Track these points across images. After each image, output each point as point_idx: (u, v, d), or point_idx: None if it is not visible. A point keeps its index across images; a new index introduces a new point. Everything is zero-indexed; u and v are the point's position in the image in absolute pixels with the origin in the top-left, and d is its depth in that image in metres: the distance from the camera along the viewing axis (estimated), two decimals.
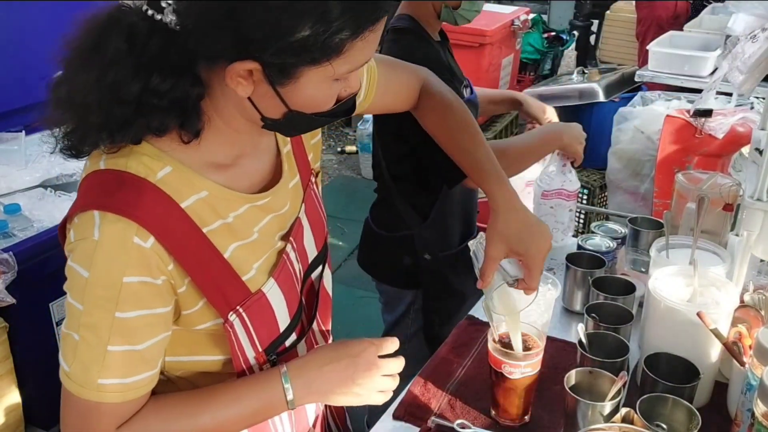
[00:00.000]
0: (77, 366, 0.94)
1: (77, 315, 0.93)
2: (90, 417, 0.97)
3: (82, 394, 0.95)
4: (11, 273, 1.69)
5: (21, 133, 2.28)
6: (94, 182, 0.96)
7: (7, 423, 1.83)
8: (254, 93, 0.93)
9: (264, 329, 1.08)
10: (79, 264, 0.92)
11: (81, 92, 0.91)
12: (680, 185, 1.67)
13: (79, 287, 0.92)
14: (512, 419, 1.31)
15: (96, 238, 0.90)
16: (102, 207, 0.91)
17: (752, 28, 1.71)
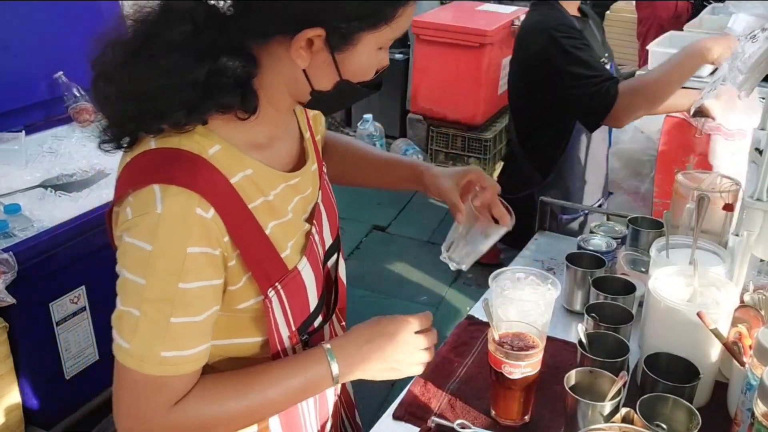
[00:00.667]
0: (138, 341, 0.94)
1: (138, 290, 0.93)
2: (148, 392, 0.97)
3: (143, 368, 0.95)
4: (11, 273, 1.69)
5: (21, 133, 2.28)
6: (147, 160, 0.98)
7: (7, 423, 1.83)
8: (310, 65, 0.98)
9: (298, 307, 1.11)
10: (141, 239, 0.93)
11: (145, 81, 0.94)
12: (680, 185, 1.67)
13: (141, 262, 0.93)
14: (512, 419, 1.31)
15: (159, 211, 0.92)
16: (163, 181, 0.93)
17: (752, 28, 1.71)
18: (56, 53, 2.45)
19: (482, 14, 4.97)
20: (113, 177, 2.20)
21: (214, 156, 0.98)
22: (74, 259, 1.88)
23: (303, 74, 1.00)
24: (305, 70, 0.99)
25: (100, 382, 2.03)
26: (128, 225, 0.95)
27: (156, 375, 0.95)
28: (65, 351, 1.90)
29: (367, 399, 2.97)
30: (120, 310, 0.96)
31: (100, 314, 1.97)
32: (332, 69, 0.99)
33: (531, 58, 2.10)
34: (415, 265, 3.96)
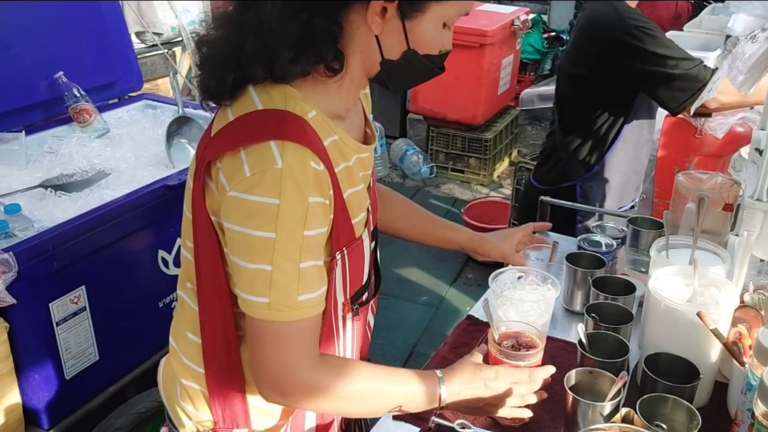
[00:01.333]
0: (276, 294, 1.01)
1: (269, 245, 1.00)
2: (291, 339, 1.05)
3: (284, 316, 1.03)
4: (11, 273, 1.69)
5: (21, 133, 2.28)
6: (255, 119, 1.05)
7: (7, 423, 1.83)
8: (383, 32, 1.07)
9: (355, 276, 1.18)
10: (267, 195, 0.99)
11: (252, 33, 1.04)
12: (680, 185, 1.67)
13: (270, 216, 0.99)
14: (512, 419, 1.31)
15: (279, 166, 0.99)
16: (279, 137, 1.01)
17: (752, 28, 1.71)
18: (56, 53, 2.44)
19: (482, 14, 4.97)
20: (113, 177, 2.22)
21: (312, 120, 1.07)
22: (74, 259, 1.88)
23: (375, 41, 1.08)
24: (377, 37, 1.08)
25: (100, 382, 2.03)
26: (249, 183, 1.00)
27: (295, 320, 1.03)
28: (65, 351, 1.90)
29: None
30: (248, 270, 1.02)
31: (100, 314, 1.97)
32: (401, 37, 1.08)
33: (602, 47, 2.08)
34: (415, 265, 3.96)
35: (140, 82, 2.85)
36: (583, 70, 2.17)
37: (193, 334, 1.20)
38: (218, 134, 1.08)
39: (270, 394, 1.09)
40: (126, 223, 2.01)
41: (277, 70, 1.06)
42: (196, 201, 1.10)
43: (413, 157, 5.06)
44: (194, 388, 1.22)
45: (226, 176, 1.03)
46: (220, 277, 1.11)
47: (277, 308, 1.02)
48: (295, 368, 1.06)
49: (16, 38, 2.33)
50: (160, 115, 2.70)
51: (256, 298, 1.03)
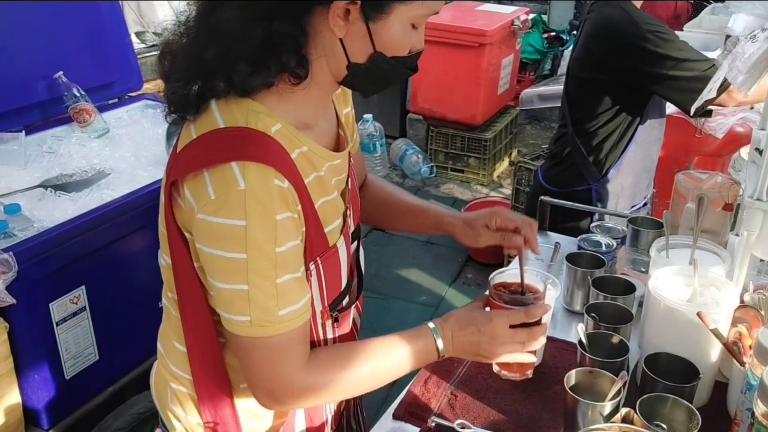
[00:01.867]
0: (256, 311, 1.02)
1: (242, 266, 1.00)
2: (279, 351, 1.06)
3: (269, 331, 1.03)
4: (11, 273, 1.69)
5: (21, 133, 2.28)
6: (216, 139, 1.03)
7: (7, 423, 1.83)
8: (347, 35, 1.04)
9: (332, 284, 1.17)
10: (233, 217, 0.99)
11: (211, 44, 1.03)
12: (680, 185, 1.67)
13: (238, 238, 0.99)
14: (514, 371, 1.31)
15: (242, 187, 0.98)
16: (239, 158, 0.99)
17: (752, 28, 1.71)
18: (56, 53, 2.44)
19: (482, 14, 4.97)
20: (113, 177, 2.22)
21: (277, 133, 1.05)
22: (74, 259, 1.88)
23: (340, 45, 1.06)
24: (342, 41, 1.05)
25: (100, 382, 2.03)
26: (214, 206, 0.99)
27: (280, 333, 1.03)
28: (65, 351, 1.90)
29: (368, 399, 2.97)
30: (225, 290, 1.02)
31: (100, 314, 1.97)
32: (366, 40, 1.05)
33: (615, 51, 2.08)
34: (414, 265, 3.96)
35: (140, 82, 2.85)
36: (595, 74, 2.16)
37: (178, 342, 1.20)
38: (182, 153, 1.06)
39: (267, 402, 1.10)
40: (126, 223, 2.01)
41: (237, 84, 1.04)
42: (167, 216, 1.09)
43: (413, 157, 5.06)
44: (183, 391, 1.22)
45: (194, 197, 1.02)
46: (197, 289, 1.11)
47: (260, 324, 1.02)
48: (287, 378, 1.07)
49: (16, 38, 2.33)
50: (160, 115, 2.68)
51: (237, 317, 1.03)
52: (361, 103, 5.49)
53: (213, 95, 1.06)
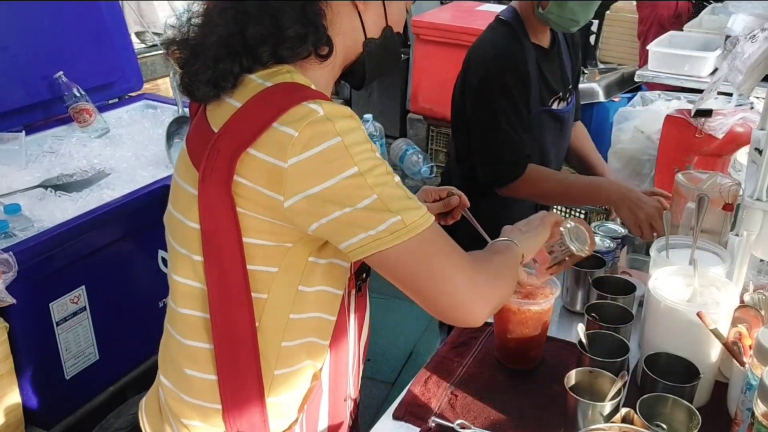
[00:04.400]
0: (400, 206, 0.99)
1: (358, 180, 0.97)
2: (441, 241, 1.04)
3: (422, 224, 1.01)
4: (11, 273, 1.69)
5: (21, 133, 2.28)
6: (274, 94, 1.02)
7: (7, 423, 1.83)
8: (365, 9, 1.12)
9: None
10: (326, 140, 0.96)
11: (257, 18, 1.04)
12: (680, 185, 1.67)
13: (342, 156, 0.96)
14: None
15: (322, 113, 0.97)
16: (306, 98, 0.99)
17: (752, 28, 1.71)
18: (56, 53, 2.45)
19: (482, 14, 4.96)
20: (113, 177, 2.22)
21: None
22: (74, 259, 1.88)
23: (359, 21, 1.12)
24: (361, 17, 1.12)
25: (100, 382, 2.03)
26: (302, 140, 0.96)
27: (432, 223, 1.02)
28: (65, 351, 1.90)
29: (368, 399, 2.97)
30: (358, 213, 0.97)
31: (100, 314, 1.97)
32: (381, 13, 1.14)
33: (471, 82, 1.91)
34: None
35: (140, 82, 2.85)
36: (463, 100, 1.98)
37: (192, 369, 1.14)
38: (230, 125, 1.02)
39: (465, 308, 1.04)
40: (126, 223, 2.01)
41: (284, 50, 1.05)
42: (206, 206, 1.04)
43: (413, 156, 5.06)
44: (197, 426, 1.16)
45: (273, 154, 0.97)
46: (240, 284, 1.05)
47: (411, 219, 0.99)
48: (471, 266, 1.05)
49: (16, 38, 2.33)
50: (160, 115, 2.71)
51: (385, 225, 0.97)
52: (361, 103, 5.48)
53: (257, 64, 1.06)
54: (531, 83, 1.86)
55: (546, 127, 1.95)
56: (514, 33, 1.88)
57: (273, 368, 1.13)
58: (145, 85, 3.02)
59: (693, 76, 3.38)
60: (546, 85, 1.92)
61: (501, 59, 1.84)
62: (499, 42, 1.89)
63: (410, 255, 1.01)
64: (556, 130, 1.98)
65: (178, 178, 1.14)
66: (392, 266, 1.03)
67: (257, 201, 1.00)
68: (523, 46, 1.87)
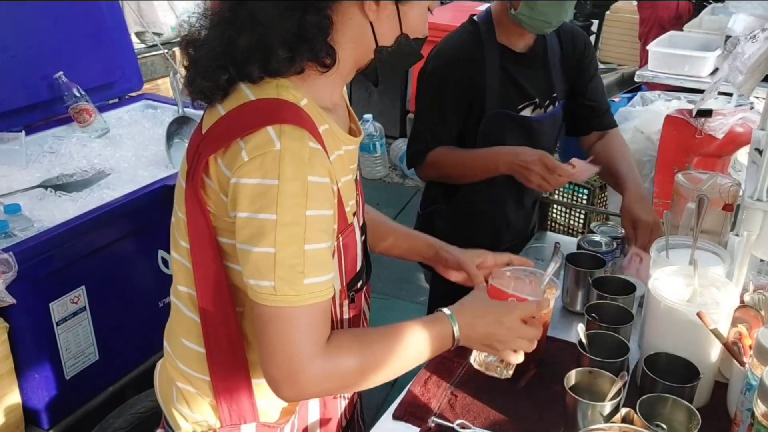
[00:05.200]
0: (280, 276, 1.00)
1: (271, 228, 0.99)
2: (299, 325, 1.02)
3: (291, 301, 1.01)
4: (11, 273, 1.69)
5: (21, 133, 2.28)
6: (249, 109, 1.05)
7: (7, 423, 1.83)
8: (377, 18, 1.10)
9: (350, 262, 1.18)
10: (266, 176, 0.99)
11: (247, 32, 1.05)
12: (680, 185, 1.67)
13: (270, 198, 0.99)
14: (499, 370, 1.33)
15: (278, 147, 0.99)
16: (275, 122, 1.01)
17: (752, 28, 1.71)
18: (57, 53, 2.44)
19: None
20: (113, 177, 2.22)
21: (305, 107, 1.08)
22: (74, 259, 1.88)
23: (370, 29, 1.11)
24: (372, 24, 1.10)
25: (99, 382, 2.03)
26: (248, 167, 0.99)
27: (303, 305, 1.01)
28: (65, 351, 1.90)
29: (368, 399, 2.97)
30: (253, 255, 1.00)
31: (100, 314, 1.97)
32: (395, 22, 1.12)
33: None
34: (414, 265, 3.95)
35: (140, 82, 2.85)
36: None
37: (186, 339, 1.20)
38: (211, 130, 1.08)
39: (281, 386, 1.05)
40: (126, 223, 2.01)
41: (273, 67, 1.06)
42: (189, 200, 1.10)
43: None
44: (189, 390, 1.22)
45: (228, 166, 1.02)
46: (219, 274, 1.11)
47: (283, 292, 1.00)
48: (307, 357, 1.02)
49: (16, 38, 2.33)
50: (160, 115, 2.71)
51: (261, 282, 1.00)
52: (361, 103, 5.48)
53: (246, 79, 1.08)
54: (486, 84, 1.85)
55: (507, 130, 1.91)
56: (476, 33, 1.89)
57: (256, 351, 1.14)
58: (145, 85, 3.02)
59: (693, 76, 3.38)
60: (516, 89, 1.89)
61: (443, 56, 1.90)
62: (456, 41, 1.92)
63: (264, 318, 1.03)
64: (523, 136, 1.92)
65: (180, 171, 1.20)
66: (252, 314, 1.06)
67: (219, 204, 1.06)
68: (483, 48, 1.87)
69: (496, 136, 1.89)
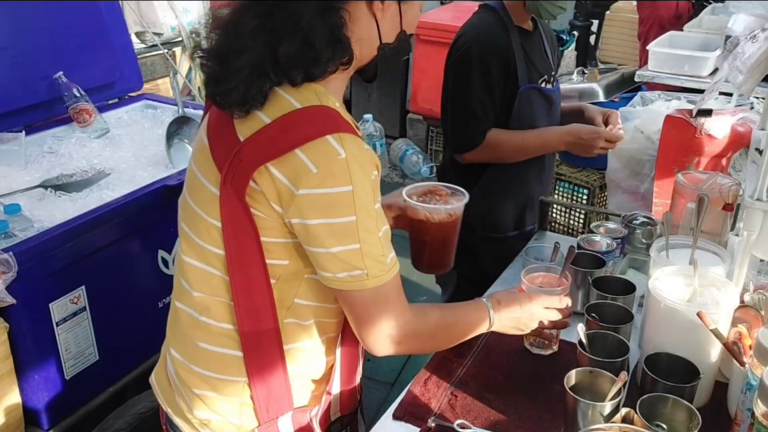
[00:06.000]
0: (370, 263, 1.12)
1: (353, 227, 1.09)
2: (393, 295, 1.17)
3: (383, 279, 1.14)
4: (11, 273, 1.69)
5: (21, 133, 2.27)
6: (300, 119, 1.10)
7: (7, 423, 1.83)
8: (382, 17, 1.16)
9: None
10: (339, 184, 1.07)
11: (288, 38, 1.08)
12: (680, 185, 1.67)
13: (347, 203, 1.08)
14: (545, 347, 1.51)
15: (344, 156, 1.06)
16: (332, 131, 1.08)
17: (752, 28, 1.71)
18: (56, 53, 2.44)
19: None
20: (113, 177, 2.22)
21: (339, 110, 1.14)
22: (74, 259, 1.88)
23: (376, 27, 1.16)
24: (378, 23, 1.16)
25: (100, 382, 2.03)
26: (318, 178, 1.06)
27: (390, 279, 1.14)
28: (65, 351, 1.90)
29: (368, 399, 2.97)
30: (339, 253, 1.10)
31: (100, 314, 1.97)
32: (397, 19, 1.19)
33: (451, 60, 2.04)
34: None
35: (140, 82, 2.85)
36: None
37: (212, 345, 1.20)
38: (257, 138, 1.09)
39: (384, 348, 1.19)
40: (126, 223, 2.01)
41: (317, 70, 1.11)
42: (227, 205, 1.12)
43: (413, 157, 5.06)
44: (210, 396, 1.22)
45: (289, 178, 1.07)
46: (262, 274, 1.16)
47: (375, 275, 1.12)
48: (402, 320, 1.17)
49: (16, 38, 2.33)
50: (160, 115, 2.70)
51: (354, 273, 1.11)
52: (361, 103, 5.48)
53: (290, 84, 1.11)
54: (516, 62, 1.99)
55: (536, 104, 2.07)
56: (497, 16, 2.01)
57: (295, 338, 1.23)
58: (145, 85, 3.02)
59: (693, 76, 3.38)
60: (533, 66, 2.04)
61: (481, 39, 1.98)
62: (482, 24, 2.01)
63: (362, 301, 1.15)
64: (546, 109, 2.10)
65: (199, 173, 1.19)
66: (344, 301, 1.17)
67: (266, 207, 1.11)
68: (507, 28, 2.00)
69: (528, 110, 2.04)
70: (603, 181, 3.54)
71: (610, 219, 2.27)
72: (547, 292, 1.42)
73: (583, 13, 6.49)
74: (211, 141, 1.17)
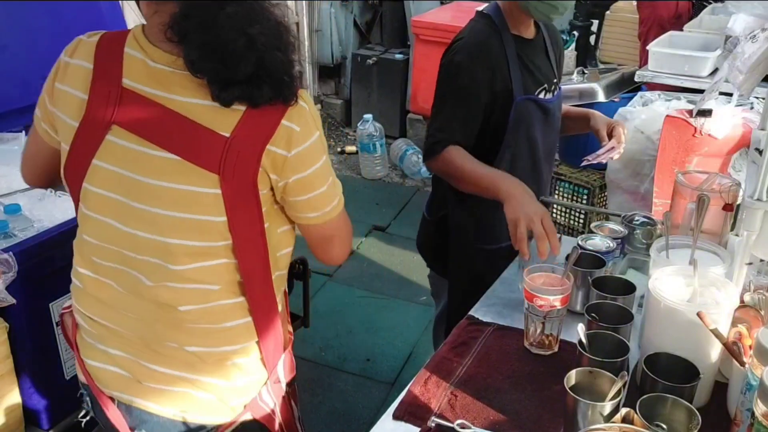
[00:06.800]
0: (339, 188, 1.32)
1: (327, 163, 1.27)
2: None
3: (343, 197, 1.34)
4: (11, 273, 1.69)
5: (21, 133, 2.28)
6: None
7: (7, 423, 1.83)
8: None
9: None
10: (313, 132, 1.22)
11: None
12: (680, 185, 1.67)
13: (321, 145, 1.25)
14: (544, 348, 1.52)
15: (307, 109, 1.21)
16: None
17: (752, 28, 1.71)
18: (57, 53, 2.44)
19: None
20: None
21: None
22: None
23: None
24: None
25: None
26: (302, 135, 1.20)
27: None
28: (65, 351, 1.90)
29: (367, 399, 2.97)
30: (325, 190, 1.27)
31: None
32: None
33: (442, 64, 1.97)
34: (414, 265, 3.96)
35: None
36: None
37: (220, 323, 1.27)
38: (242, 127, 1.15)
39: (345, 257, 1.41)
40: None
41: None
42: (232, 198, 1.17)
43: (413, 156, 5.07)
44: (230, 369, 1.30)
45: (283, 147, 1.18)
46: (265, 245, 1.25)
47: (341, 196, 1.32)
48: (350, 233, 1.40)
49: (17, 38, 2.33)
50: None
51: (334, 202, 1.30)
52: (361, 103, 5.49)
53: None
54: (510, 72, 1.90)
55: (534, 116, 1.97)
56: (491, 24, 1.93)
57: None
58: None
59: (693, 76, 3.38)
60: (530, 75, 1.96)
61: (472, 48, 1.90)
62: (475, 32, 1.94)
63: (337, 224, 1.33)
64: (543, 121, 2.00)
65: (181, 186, 1.17)
66: (319, 231, 1.32)
67: (265, 182, 1.21)
68: (501, 37, 1.92)
69: (525, 122, 1.95)
70: (603, 181, 3.54)
71: (610, 219, 2.27)
72: (547, 293, 1.41)
73: (583, 13, 6.49)
74: (184, 153, 1.15)
